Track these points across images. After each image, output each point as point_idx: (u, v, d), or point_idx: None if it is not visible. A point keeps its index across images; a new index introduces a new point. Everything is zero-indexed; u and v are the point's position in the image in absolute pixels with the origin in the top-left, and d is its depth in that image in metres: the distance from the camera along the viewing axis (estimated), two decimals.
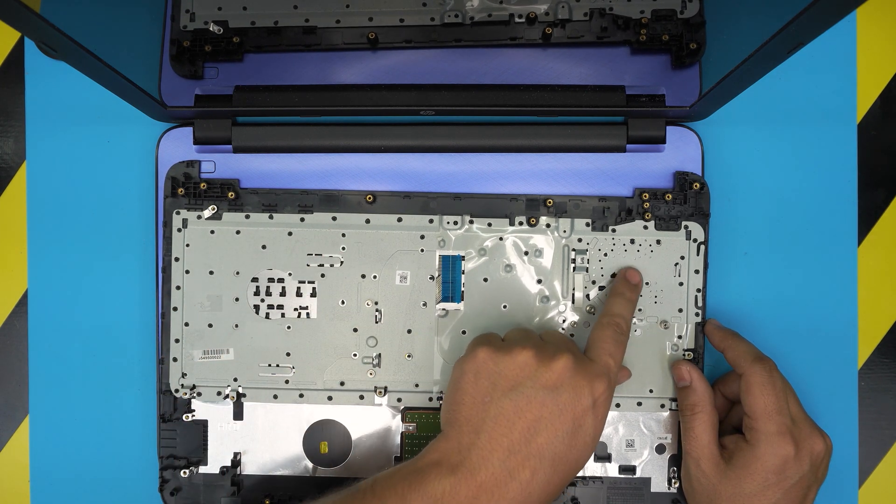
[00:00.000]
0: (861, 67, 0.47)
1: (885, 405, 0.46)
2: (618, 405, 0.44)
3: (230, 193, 0.44)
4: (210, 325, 0.44)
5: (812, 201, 0.46)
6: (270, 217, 0.44)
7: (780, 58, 0.34)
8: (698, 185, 0.44)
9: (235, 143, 0.45)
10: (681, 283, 0.44)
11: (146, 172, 0.46)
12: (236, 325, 0.44)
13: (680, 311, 0.44)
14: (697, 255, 0.44)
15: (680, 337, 0.44)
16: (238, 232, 0.44)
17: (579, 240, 0.44)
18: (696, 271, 0.44)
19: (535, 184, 0.45)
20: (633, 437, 0.44)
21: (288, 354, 0.44)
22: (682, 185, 0.44)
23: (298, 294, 0.44)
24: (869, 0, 0.44)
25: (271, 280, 0.44)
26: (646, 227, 0.44)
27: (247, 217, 0.44)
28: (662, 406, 0.44)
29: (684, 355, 0.44)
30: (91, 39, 0.34)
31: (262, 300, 0.44)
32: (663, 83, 0.44)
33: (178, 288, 0.44)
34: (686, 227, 0.44)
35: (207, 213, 0.44)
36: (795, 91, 0.47)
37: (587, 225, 0.44)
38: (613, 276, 0.44)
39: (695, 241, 0.44)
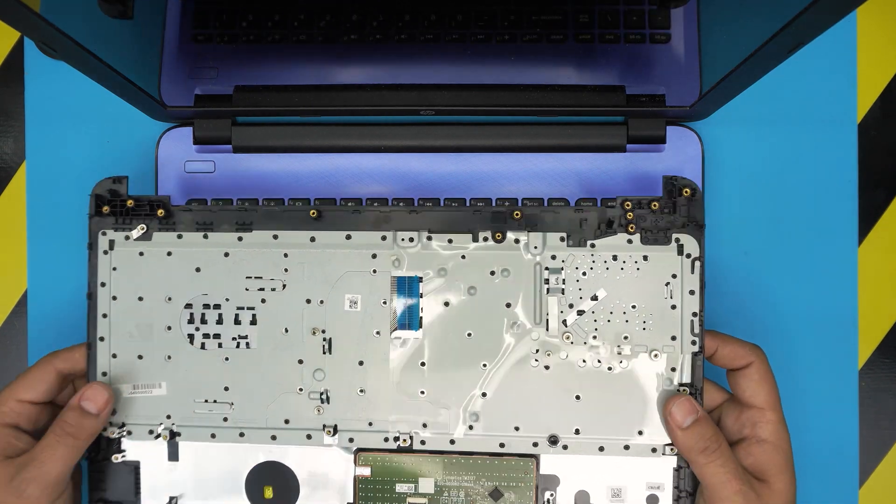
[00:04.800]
0: (861, 67, 0.47)
1: (885, 405, 0.46)
2: (601, 448, 0.38)
3: (160, 211, 0.39)
4: (140, 357, 0.40)
5: (812, 201, 0.46)
6: (205, 236, 0.39)
7: (780, 58, 0.34)
8: (689, 192, 0.38)
9: (235, 143, 0.45)
10: (673, 307, 0.38)
11: (146, 172, 0.46)
12: (169, 357, 0.40)
13: (673, 338, 0.38)
14: (692, 272, 0.38)
15: (674, 369, 0.38)
16: (169, 253, 0.40)
17: (553, 257, 0.38)
18: (692, 292, 0.38)
19: (536, 184, 0.45)
20: (620, 485, 0.39)
21: (226, 389, 0.40)
22: (672, 191, 0.38)
23: (237, 322, 0.39)
24: (869, 0, 0.44)
25: (206, 306, 0.39)
26: (630, 242, 0.38)
27: (179, 237, 0.39)
28: (654, 450, 0.38)
29: (679, 391, 0.38)
30: (91, 39, 0.34)
31: (197, 329, 0.40)
32: (663, 83, 0.44)
33: (104, 316, 0.40)
34: (677, 240, 0.38)
35: (136, 233, 0.39)
36: (795, 91, 0.47)
37: (562, 240, 0.38)
38: (594, 298, 0.38)
39: (688, 256, 0.38)
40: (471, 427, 0.39)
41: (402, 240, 0.39)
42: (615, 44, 0.45)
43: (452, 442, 0.39)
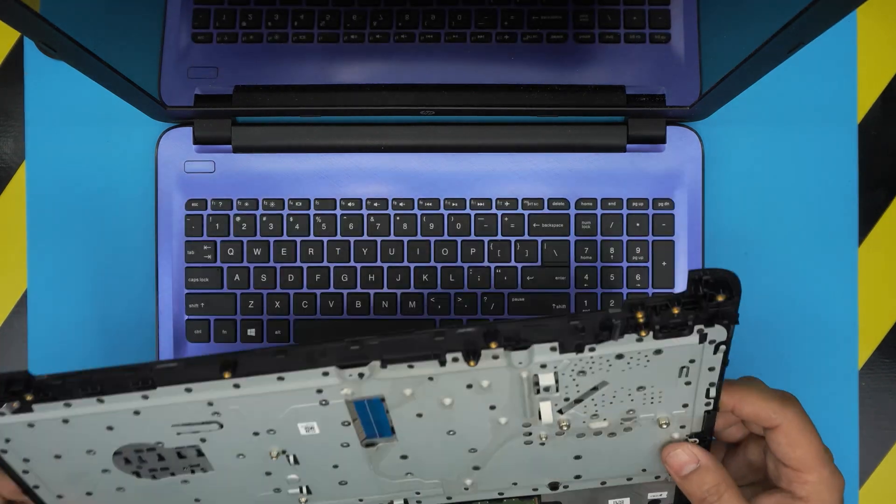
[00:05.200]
0: (861, 67, 0.47)
1: (885, 405, 0.46)
2: (603, 483, 0.35)
3: (27, 395, 0.29)
4: (89, 494, 0.33)
5: (812, 201, 0.46)
6: (100, 401, 0.30)
7: (780, 58, 0.34)
8: (724, 297, 0.28)
9: (235, 143, 0.45)
10: (688, 383, 0.31)
11: (146, 172, 0.46)
12: (121, 489, 0.33)
13: (685, 406, 0.32)
14: (714, 354, 0.30)
15: (683, 426, 0.33)
16: (66, 421, 0.30)
17: (542, 366, 0.29)
18: (711, 369, 0.31)
19: (536, 184, 0.45)
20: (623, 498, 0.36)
21: (197, 501, 0.34)
22: (697, 288, 0.28)
23: (181, 457, 0.32)
24: (869, 0, 0.44)
25: (139, 450, 0.32)
26: (640, 341, 0.29)
27: (67, 405, 0.30)
28: (658, 478, 0.36)
29: (687, 440, 0.33)
30: (91, 39, 0.34)
31: (139, 467, 0.32)
32: (663, 83, 0.44)
33: (25, 472, 0.32)
34: (700, 330, 0.29)
35: (6, 411, 0.30)
36: (795, 91, 0.46)
37: (553, 350, 0.29)
38: (594, 388, 0.31)
39: (711, 342, 0.29)
40: (466, 488, 0.35)
41: (350, 375, 0.29)
42: (615, 44, 0.45)
43: (449, 498, 0.36)
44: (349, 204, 0.45)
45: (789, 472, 0.34)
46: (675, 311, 0.28)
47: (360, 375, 0.30)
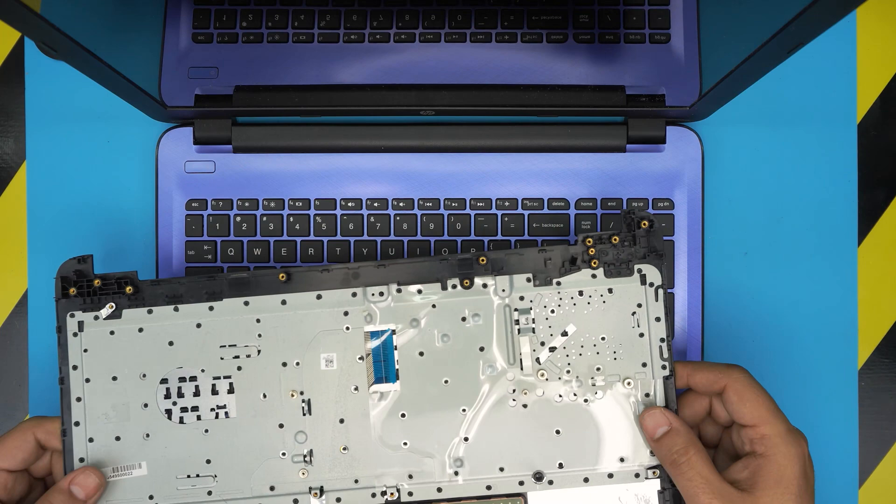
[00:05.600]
0: (861, 67, 0.47)
1: (885, 405, 0.46)
2: (586, 479, 0.38)
3: (128, 288, 0.39)
4: (118, 439, 0.39)
5: (812, 201, 0.46)
6: (175, 309, 0.39)
7: (780, 58, 0.34)
8: (647, 224, 0.39)
9: (235, 143, 0.45)
10: (641, 335, 0.39)
11: (146, 172, 0.46)
12: (147, 435, 0.39)
13: (644, 365, 0.39)
14: (656, 300, 0.39)
15: (647, 395, 0.39)
16: (141, 330, 0.39)
17: (521, 298, 0.39)
18: (657, 319, 0.39)
19: (536, 184, 0.45)
20: None
21: (208, 462, 0.39)
22: (630, 223, 0.39)
23: (214, 392, 0.39)
24: (869, 0, 0.44)
25: (182, 379, 0.39)
26: (594, 277, 0.39)
27: (149, 312, 0.39)
28: (637, 476, 0.38)
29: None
30: (91, 39, 0.34)
31: (174, 403, 0.39)
32: (663, 83, 0.44)
33: (78, 400, 0.39)
34: (639, 270, 0.39)
35: (105, 311, 0.39)
36: (795, 91, 0.47)
37: (528, 280, 0.39)
38: (564, 334, 0.39)
39: (651, 285, 0.39)
40: (456, 473, 0.38)
41: (372, 294, 0.39)
42: (615, 44, 0.45)
43: (440, 490, 0.39)
44: (349, 204, 0.45)
45: (748, 431, 0.36)
46: (615, 239, 0.39)
47: (381, 294, 0.39)
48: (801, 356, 0.46)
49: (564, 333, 0.39)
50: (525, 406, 0.39)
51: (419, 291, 0.39)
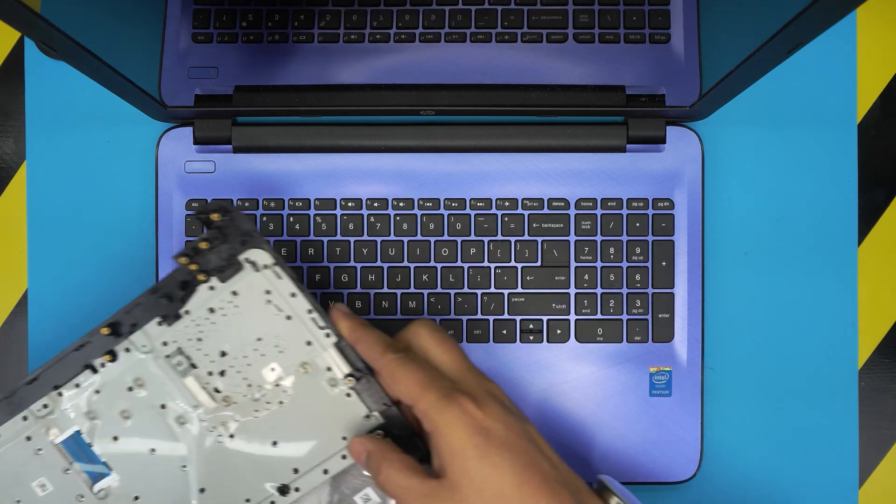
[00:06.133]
0: (861, 67, 0.47)
1: (885, 405, 0.47)
2: (325, 471, 0.37)
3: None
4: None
5: (812, 201, 0.46)
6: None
7: (780, 58, 0.34)
8: (219, 215, 0.36)
9: (235, 143, 0.45)
10: (289, 317, 0.36)
11: (146, 172, 0.46)
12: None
13: (309, 343, 0.37)
14: (280, 278, 0.36)
15: (329, 369, 0.37)
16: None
17: (164, 343, 0.37)
18: (293, 294, 0.36)
19: (536, 184, 0.45)
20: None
21: None
22: (207, 223, 0.37)
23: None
24: (869, 0, 0.44)
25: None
26: (213, 288, 0.36)
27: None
28: (344, 458, 0.37)
29: (347, 381, 0.37)
30: (91, 39, 0.34)
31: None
32: (663, 83, 0.44)
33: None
34: (247, 259, 0.36)
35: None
36: (795, 91, 0.47)
37: (160, 324, 0.37)
38: (223, 354, 0.37)
39: (265, 267, 0.36)
40: None
41: (38, 410, 0.37)
42: (615, 44, 0.45)
43: None
44: (349, 204, 0.45)
45: (414, 411, 0.34)
46: (204, 245, 0.36)
47: (45, 406, 0.37)
48: (801, 356, 0.46)
49: (223, 354, 0.37)
50: (232, 436, 0.37)
51: (77, 386, 0.37)
